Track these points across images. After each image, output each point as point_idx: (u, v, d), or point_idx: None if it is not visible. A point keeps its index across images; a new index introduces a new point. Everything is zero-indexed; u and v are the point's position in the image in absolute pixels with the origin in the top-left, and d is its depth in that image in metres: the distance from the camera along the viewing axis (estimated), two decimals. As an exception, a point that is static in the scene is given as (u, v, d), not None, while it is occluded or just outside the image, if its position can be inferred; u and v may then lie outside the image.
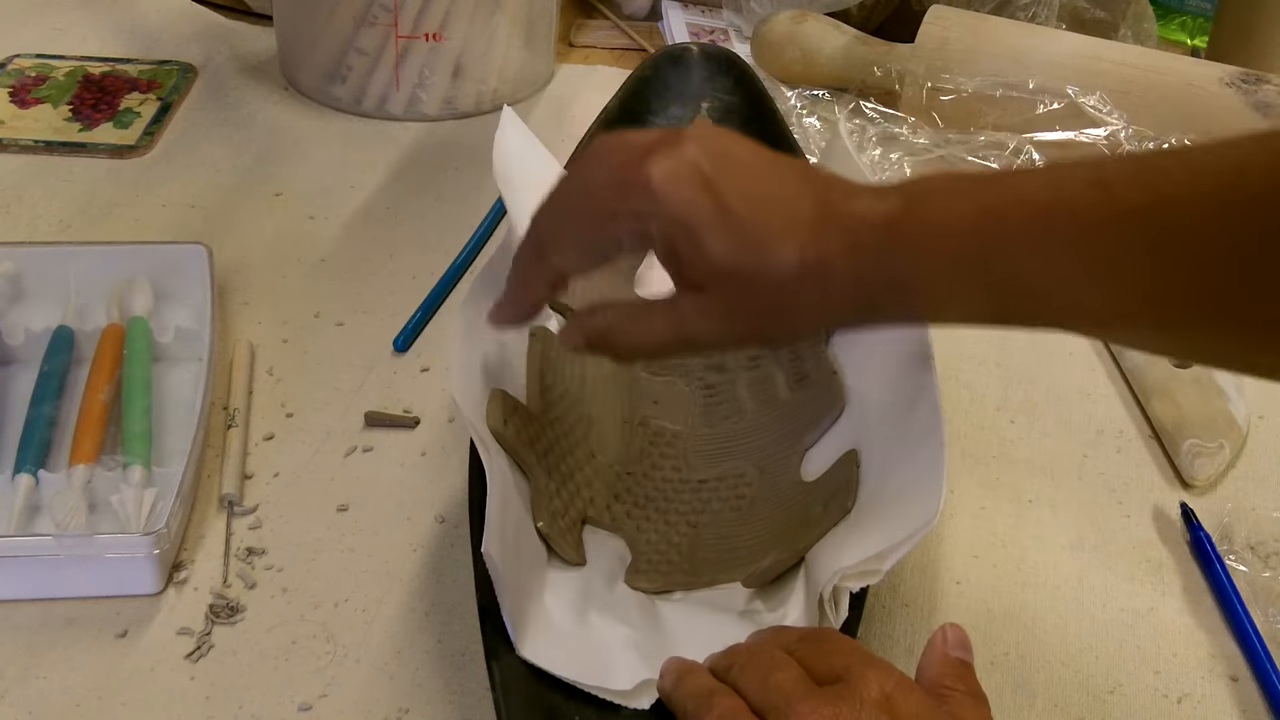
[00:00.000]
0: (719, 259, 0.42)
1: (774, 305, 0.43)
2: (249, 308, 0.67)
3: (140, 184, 0.77)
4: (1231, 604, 0.53)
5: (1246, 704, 0.50)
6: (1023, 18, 0.93)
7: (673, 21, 1.03)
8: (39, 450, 0.54)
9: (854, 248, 0.42)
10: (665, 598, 0.50)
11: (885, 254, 0.41)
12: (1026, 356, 0.69)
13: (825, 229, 0.42)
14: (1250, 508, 0.59)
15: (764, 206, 0.42)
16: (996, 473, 0.60)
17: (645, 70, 0.73)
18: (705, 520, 0.53)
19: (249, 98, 0.88)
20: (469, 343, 0.51)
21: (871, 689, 0.38)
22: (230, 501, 0.54)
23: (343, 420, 0.60)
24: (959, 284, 0.41)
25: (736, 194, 0.42)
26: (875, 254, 0.41)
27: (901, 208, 0.42)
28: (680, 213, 0.42)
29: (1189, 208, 0.38)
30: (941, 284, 0.41)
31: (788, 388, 0.58)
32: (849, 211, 0.42)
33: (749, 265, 0.42)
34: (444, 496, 0.56)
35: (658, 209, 0.42)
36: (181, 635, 0.49)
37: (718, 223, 0.42)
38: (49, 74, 0.89)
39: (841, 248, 0.42)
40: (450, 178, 0.81)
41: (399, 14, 0.82)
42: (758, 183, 0.43)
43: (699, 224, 0.42)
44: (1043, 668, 0.51)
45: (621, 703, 0.43)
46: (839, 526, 0.48)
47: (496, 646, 0.43)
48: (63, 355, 0.59)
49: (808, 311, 0.43)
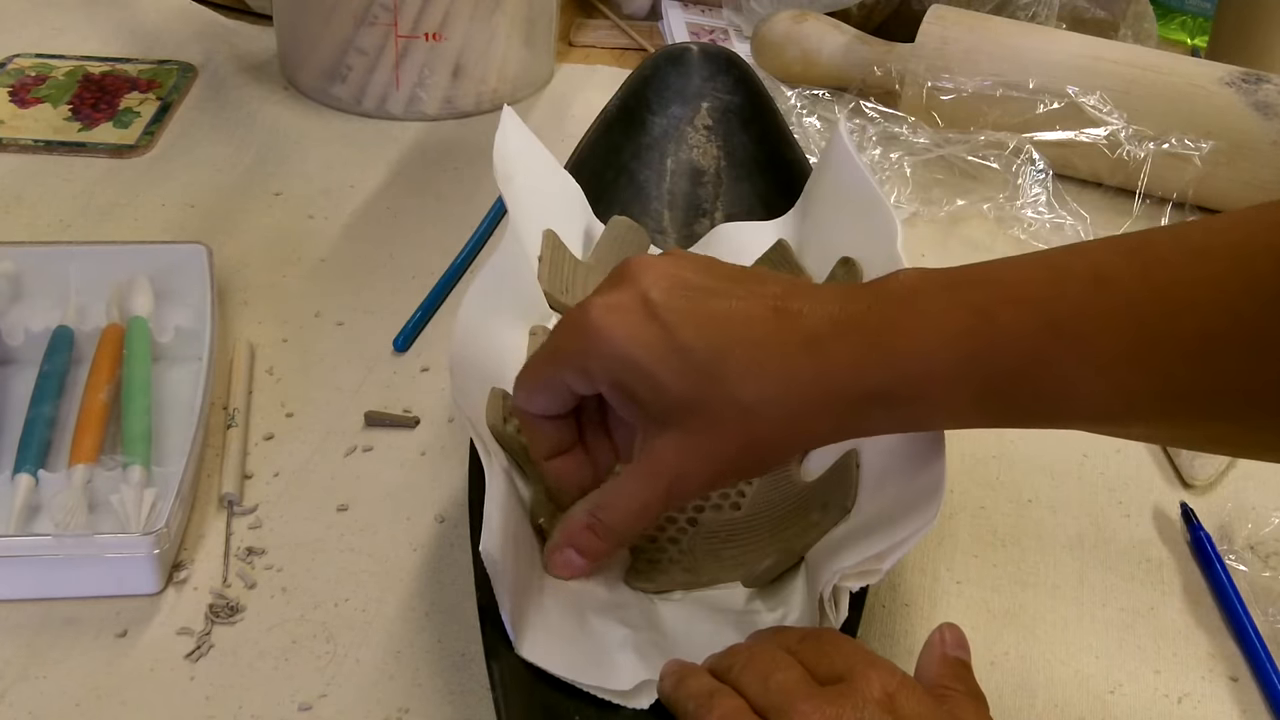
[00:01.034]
0: (677, 393, 0.40)
1: (747, 435, 0.40)
2: (249, 307, 0.67)
3: (140, 183, 0.77)
4: (1231, 604, 0.53)
5: (1246, 704, 0.50)
6: (1023, 17, 0.93)
7: (673, 21, 1.03)
8: (39, 450, 0.54)
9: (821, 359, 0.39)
10: (665, 598, 0.50)
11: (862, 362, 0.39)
12: (1026, 356, 0.68)
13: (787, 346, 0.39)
14: (1250, 508, 0.59)
15: (718, 329, 0.40)
16: (996, 473, 0.60)
17: (645, 70, 0.73)
18: (705, 520, 0.53)
19: (249, 97, 0.88)
20: (468, 342, 0.50)
21: (874, 689, 0.38)
22: (230, 501, 0.54)
23: (343, 420, 0.60)
24: (948, 388, 0.39)
25: (687, 320, 0.40)
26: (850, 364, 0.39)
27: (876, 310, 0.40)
28: (624, 350, 0.40)
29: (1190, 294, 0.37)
30: (931, 389, 0.39)
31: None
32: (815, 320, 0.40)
33: (708, 396, 0.40)
34: (444, 496, 0.56)
35: (597, 347, 0.40)
36: (181, 635, 0.49)
37: (668, 354, 0.39)
38: (49, 73, 0.89)
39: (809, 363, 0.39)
40: (450, 178, 0.81)
41: (399, 13, 0.82)
42: (711, 302, 0.40)
43: (647, 359, 0.40)
44: (1043, 668, 0.51)
45: (621, 703, 0.43)
46: (839, 526, 0.48)
47: (496, 646, 0.43)
48: (62, 355, 0.59)
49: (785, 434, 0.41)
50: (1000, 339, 0.38)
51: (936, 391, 0.39)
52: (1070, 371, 0.38)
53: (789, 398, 0.40)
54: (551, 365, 0.43)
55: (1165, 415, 0.39)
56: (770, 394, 0.39)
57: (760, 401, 0.39)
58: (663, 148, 0.71)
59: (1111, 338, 0.38)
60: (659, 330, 0.40)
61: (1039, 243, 0.77)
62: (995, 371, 0.39)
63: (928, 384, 0.39)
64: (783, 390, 0.39)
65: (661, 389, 0.40)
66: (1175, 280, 0.37)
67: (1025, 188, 0.79)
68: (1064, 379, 0.38)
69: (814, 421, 0.41)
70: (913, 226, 0.78)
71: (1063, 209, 0.78)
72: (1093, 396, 0.39)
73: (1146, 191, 0.79)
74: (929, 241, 0.78)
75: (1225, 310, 0.36)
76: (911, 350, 0.39)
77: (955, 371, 0.39)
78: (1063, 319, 0.38)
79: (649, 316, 0.40)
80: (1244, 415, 0.38)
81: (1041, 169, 0.80)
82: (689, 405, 0.40)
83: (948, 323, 0.39)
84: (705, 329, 0.40)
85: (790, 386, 0.39)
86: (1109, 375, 0.38)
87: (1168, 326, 0.37)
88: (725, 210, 0.70)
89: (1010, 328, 0.38)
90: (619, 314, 0.40)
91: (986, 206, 0.79)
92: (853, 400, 0.40)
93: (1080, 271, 0.38)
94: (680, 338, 0.39)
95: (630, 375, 0.40)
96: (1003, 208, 0.79)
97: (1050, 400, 0.39)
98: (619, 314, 0.40)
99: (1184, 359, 0.37)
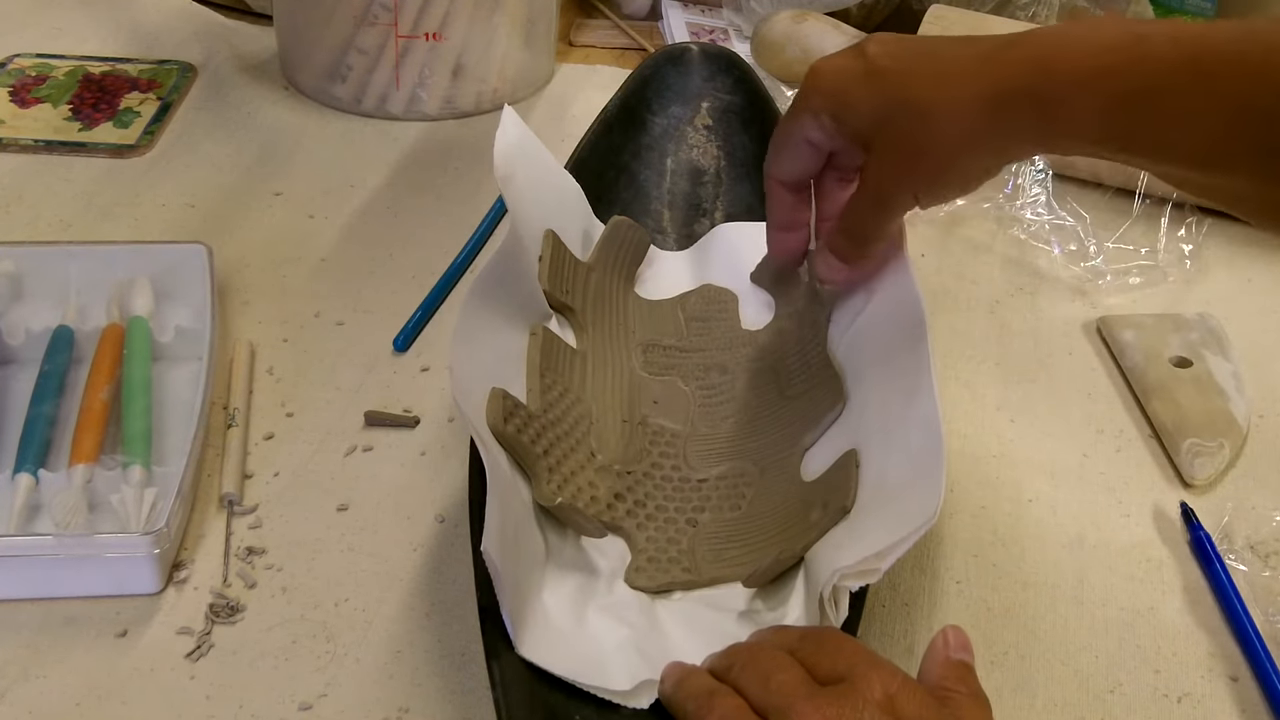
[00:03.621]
0: (870, 108, 0.48)
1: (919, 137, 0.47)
2: (249, 307, 0.67)
3: (140, 183, 0.77)
4: (1231, 604, 0.53)
5: (1246, 704, 0.50)
6: (1023, 17, 0.92)
7: (673, 21, 1.03)
8: (39, 450, 0.54)
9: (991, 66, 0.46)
10: (665, 597, 0.50)
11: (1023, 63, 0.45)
12: (1026, 356, 0.69)
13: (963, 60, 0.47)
14: (1250, 507, 0.59)
15: (911, 56, 0.48)
16: (996, 473, 0.60)
17: (645, 70, 0.73)
18: (705, 519, 0.53)
19: (249, 97, 0.88)
20: (469, 342, 0.50)
21: (875, 690, 0.38)
22: (230, 501, 0.54)
23: (343, 420, 0.60)
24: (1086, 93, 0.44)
25: (887, 54, 0.48)
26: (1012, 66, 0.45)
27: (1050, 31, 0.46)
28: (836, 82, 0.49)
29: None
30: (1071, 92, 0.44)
31: (788, 387, 0.58)
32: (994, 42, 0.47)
33: (895, 108, 0.47)
34: (444, 496, 0.56)
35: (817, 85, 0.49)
36: (181, 635, 0.49)
37: (868, 79, 0.48)
38: (49, 73, 0.89)
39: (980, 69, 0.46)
40: (450, 178, 0.81)
41: (399, 13, 0.82)
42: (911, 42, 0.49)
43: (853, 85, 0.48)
44: (1043, 667, 0.51)
45: (621, 702, 0.43)
46: (839, 526, 0.48)
47: (497, 645, 0.43)
48: (63, 355, 0.59)
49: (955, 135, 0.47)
50: (1146, 59, 0.43)
51: (1075, 96, 0.44)
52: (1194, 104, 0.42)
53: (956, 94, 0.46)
54: (789, 118, 0.52)
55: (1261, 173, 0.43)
56: (940, 93, 0.46)
57: (932, 101, 0.46)
58: (663, 148, 0.71)
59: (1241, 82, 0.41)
60: (864, 63, 0.48)
61: (1039, 243, 0.77)
62: (1130, 87, 0.43)
63: (1070, 89, 0.44)
64: (950, 89, 0.46)
65: (861, 104, 0.48)
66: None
67: (1025, 188, 0.80)
68: (1185, 109, 0.43)
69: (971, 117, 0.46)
70: (912, 226, 0.78)
71: (1063, 209, 0.78)
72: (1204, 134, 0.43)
73: (1146, 191, 0.79)
74: (929, 241, 0.78)
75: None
76: (1064, 56, 0.44)
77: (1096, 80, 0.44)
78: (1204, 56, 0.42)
79: (859, 57, 0.49)
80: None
81: (1041, 169, 0.80)
82: (882, 119, 0.48)
83: (1105, 36, 0.44)
84: (900, 58, 0.48)
85: (957, 86, 0.46)
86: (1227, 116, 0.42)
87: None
88: (725, 210, 0.70)
89: (1156, 52, 0.43)
90: (836, 60, 0.50)
91: (986, 206, 0.79)
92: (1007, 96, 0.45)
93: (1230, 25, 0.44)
94: (878, 65, 0.48)
95: (840, 103, 0.49)
96: (1003, 208, 0.79)
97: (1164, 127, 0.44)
98: (836, 60, 0.50)
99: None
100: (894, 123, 0.48)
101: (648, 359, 0.61)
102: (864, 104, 0.48)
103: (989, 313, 0.72)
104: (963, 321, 0.71)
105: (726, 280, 0.65)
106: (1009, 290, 0.74)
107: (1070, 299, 0.74)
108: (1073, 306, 0.73)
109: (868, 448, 0.51)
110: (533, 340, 0.55)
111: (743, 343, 0.61)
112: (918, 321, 0.51)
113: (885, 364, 0.52)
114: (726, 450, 0.56)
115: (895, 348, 0.52)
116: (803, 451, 0.54)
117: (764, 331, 0.62)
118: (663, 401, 0.59)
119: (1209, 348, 0.68)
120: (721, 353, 0.61)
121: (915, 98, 0.47)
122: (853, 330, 0.56)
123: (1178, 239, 0.77)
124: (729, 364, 0.61)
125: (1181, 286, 0.75)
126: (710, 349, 0.62)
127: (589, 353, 0.59)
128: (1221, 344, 0.68)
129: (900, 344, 0.52)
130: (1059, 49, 0.45)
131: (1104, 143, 0.46)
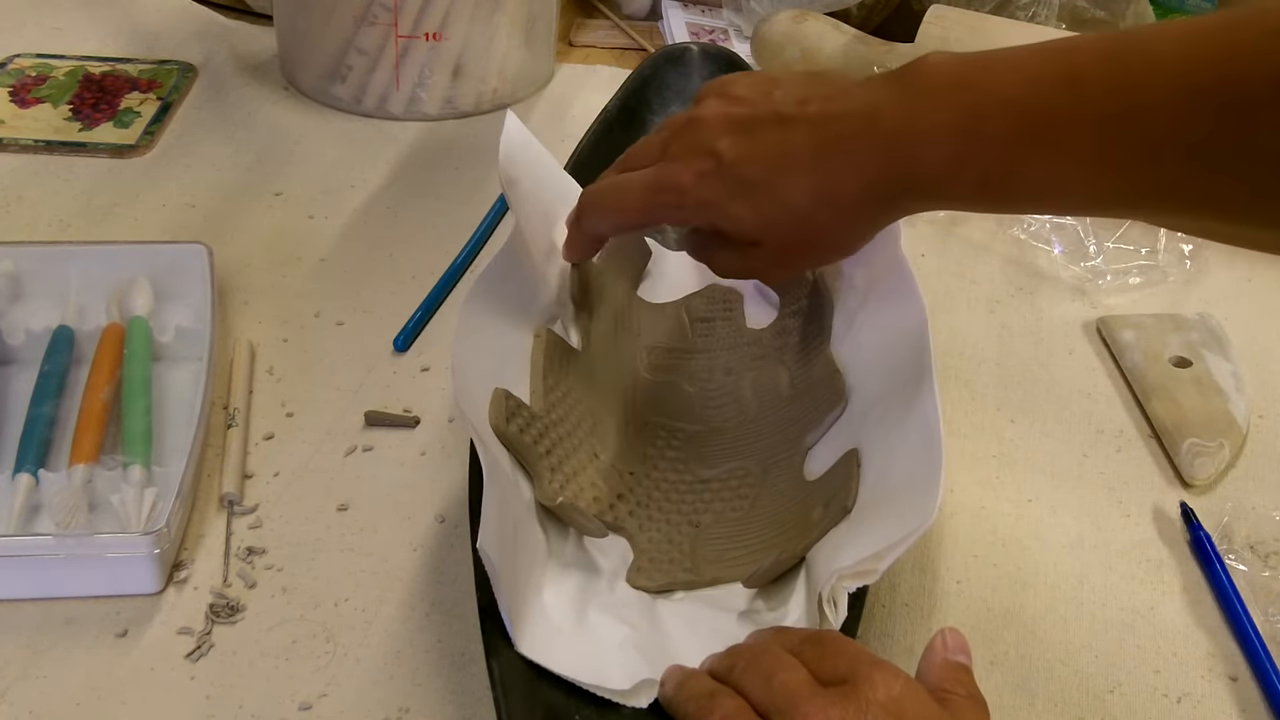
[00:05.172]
0: (750, 220, 0.49)
1: (810, 233, 0.49)
2: (249, 307, 0.67)
3: (140, 183, 0.77)
4: (1231, 604, 0.53)
5: (1246, 704, 0.50)
6: (1023, 18, 0.92)
7: (673, 21, 1.03)
8: (39, 450, 0.54)
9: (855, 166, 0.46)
10: (666, 597, 0.50)
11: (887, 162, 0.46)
12: (1026, 356, 0.69)
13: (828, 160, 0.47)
14: (1250, 507, 0.59)
15: (773, 161, 0.48)
16: (996, 473, 0.60)
17: (645, 70, 0.73)
18: (707, 520, 0.53)
19: (249, 97, 0.88)
20: (470, 342, 0.51)
21: (878, 691, 0.38)
22: (230, 501, 0.54)
23: (343, 420, 0.60)
24: (956, 180, 0.45)
25: (748, 162, 0.48)
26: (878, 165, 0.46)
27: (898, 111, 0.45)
28: (707, 199, 0.49)
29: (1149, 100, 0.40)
30: (943, 182, 0.45)
31: (790, 387, 0.58)
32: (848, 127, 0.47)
33: (774, 213, 0.48)
34: (444, 496, 0.56)
35: (686, 200, 0.50)
36: (181, 635, 0.49)
37: (737, 194, 0.49)
38: (49, 73, 0.89)
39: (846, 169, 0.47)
40: (450, 178, 0.81)
41: (399, 13, 0.82)
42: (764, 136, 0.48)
43: (722, 203, 0.49)
44: (1043, 668, 0.51)
45: (621, 701, 0.43)
46: (839, 526, 0.48)
47: (496, 645, 0.43)
48: (63, 355, 0.59)
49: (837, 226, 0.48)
50: (987, 140, 0.43)
51: (947, 183, 0.45)
52: (1049, 171, 0.43)
53: (836, 196, 0.47)
54: (653, 216, 0.53)
55: (1143, 209, 0.44)
56: (821, 196, 0.47)
57: (812, 204, 0.47)
58: (663, 148, 0.71)
59: (1078, 141, 0.42)
60: (731, 177, 0.49)
61: (1039, 243, 0.77)
62: (988, 168, 0.44)
63: (940, 177, 0.45)
64: (829, 192, 0.47)
65: (742, 221, 0.49)
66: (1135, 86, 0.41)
67: (1025, 188, 0.79)
68: (1045, 177, 0.43)
69: (858, 212, 0.48)
70: (913, 226, 0.78)
71: (1063, 209, 0.78)
72: (1075, 191, 0.43)
73: (1146, 191, 0.79)
74: (929, 241, 0.78)
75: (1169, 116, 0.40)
76: (923, 151, 0.45)
77: (958, 167, 0.44)
78: (1036, 122, 0.42)
79: (719, 168, 0.49)
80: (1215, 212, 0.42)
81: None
82: (764, 225, 0.49)
83: (950, 121, 0.44)
84: (761, 164, 0.48)
85: (834, 189, 0.47)
86: (1083, 173, 0.42)
87: (1123, 130, 0.41)
88: (725, 210, 0.70)
89: (993, 130, 0.43)
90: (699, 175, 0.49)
91: (986, 206, 0.79)
92: (885, 192, 0.46)
93: (1055, 73, 0.42)
94: (742, 173, 0.49)
95: (719, 217, 0.50)
96: (1003, 208, 0.79)
97: (1039, 193, 0.44)
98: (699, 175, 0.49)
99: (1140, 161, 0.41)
100: (780, 228, 0.49)
101: (652, 360, 0.61)
102: (746, 219, 0.49)
103: (989, 313, 0.72)
104: (963, 321, 0.71)
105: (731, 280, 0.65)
106: (1009, 290, 0.74)
107: (1070, 299, 0.74)
108: (1073, 306, 0.73)
109: (869, 447, 0.51)
110: (536, 342, 0.55)
111: (747, 342, 0.62)
112: (919, 322, 0.51)
113: (887, 364, 0.52)
114: (729, 450, 0.56)
115: (897, 347, 0.52)
116: (805, 451, 0.54)
117: (768, 330, 0.62)
118: (666, 402, 0.59)
119: (1209, 348, 0.68)
120: (725, 353, 0.61)
121: (794, 205, 0.48)
122: (855, 329, 0.56)
123: (1178, 239, 0.77)
124: (733, 364, 0.61)
125: (1181, 286, 0.75)
126: (714, 350, 0.62)
127: (593, 355, 0.59)
128: (1221, 344, 0.69)
129: (901, 344, 0.52)
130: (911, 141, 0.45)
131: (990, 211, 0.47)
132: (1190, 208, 0.42)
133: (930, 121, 0.45)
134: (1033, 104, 0.43)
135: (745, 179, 0.48)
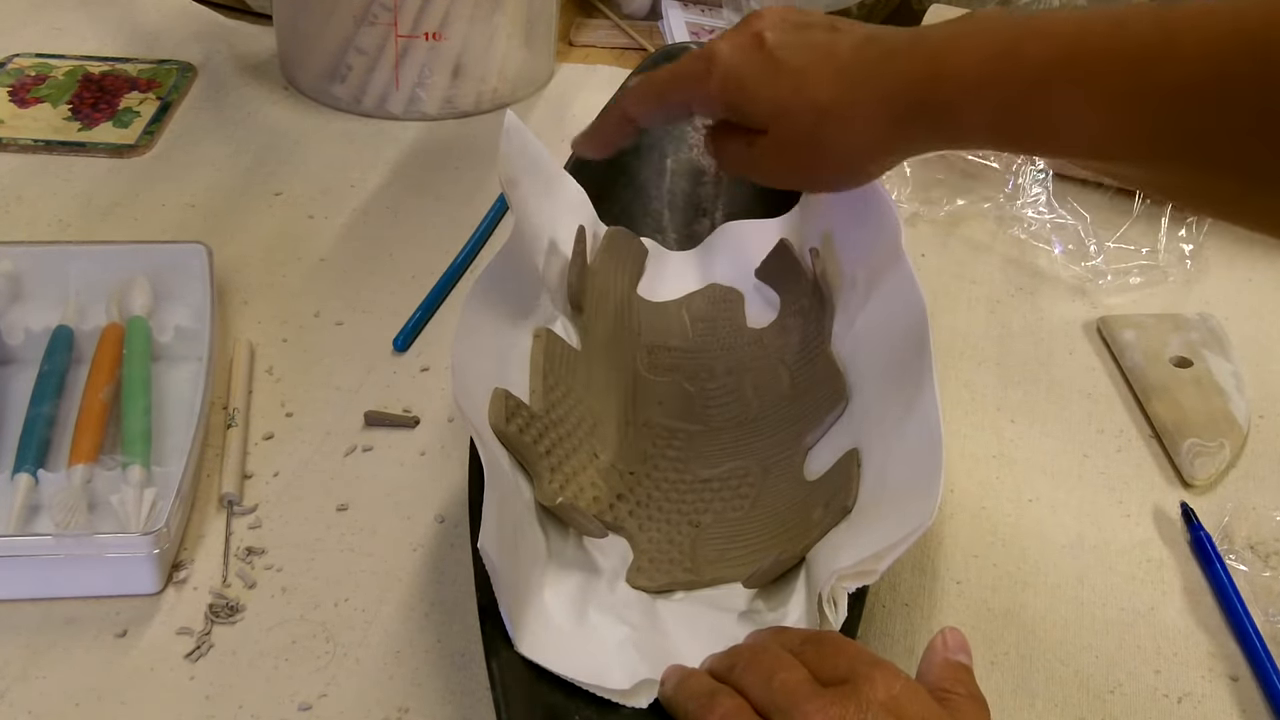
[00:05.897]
0: (769, 99, 0.49)
1: (816, 134, 0.49)
2: (249, 307, 0.67)
3: (140, 183, 0.77)
4: (1231, 604, 0.53)
5: (1246, 704, 0.50)
6: (1023, 17, 0.92)
7: (673, 21, 1.03)
8: (39, 450, 0.54)
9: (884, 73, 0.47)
10: (666, 597, 0.50)
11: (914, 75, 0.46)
12: (1026, 356, 0.69)
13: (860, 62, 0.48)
14: (1250, 507, 0.59)
15: (809, 52, 0.49)
16: (996, 473, 0.60)
17: (645, 70, 0.73)
18: (708, 520, 0.53)
19: (249, 97, 0.88)
20: (470, 342, 0.51)
21: (878, 691, 0.38)
22: (230, 501, 0.54)
23: (342, 420, 0.60)
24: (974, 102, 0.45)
25: (786, 47, 0.49)
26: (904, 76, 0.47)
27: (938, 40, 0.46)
28: (737, 71, 0.50)
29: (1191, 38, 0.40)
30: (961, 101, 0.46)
31: (791, 387, 0.58)
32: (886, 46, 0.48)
33: (794, 101, 0.48)
34: (444, 496, 0.56)
35: (718, 70, 0.50)
36: (181, 635, 0.49)
37: (767, 71, 0.49)
38: (49, 73, 0.88)
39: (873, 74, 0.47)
40: (450, 178, 0.81)
41: (399, 13, 0.82)
42: (808, 34, 0.50)
43: (752, 76, 0.49)
44: (1043, 668, 0.51)
45: (621, 701, 0.43)
46: (839, 526, 0.48)
47: (496, 645, 0.43)
48: (62, 355, 0.59)
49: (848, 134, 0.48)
50: (1019, 62, 0.44)
51: (964, 105, 0.46)
52: (1070, 102, 0.43)
53: (856, 98, 0.48)
54: (678, 87, 0.52)
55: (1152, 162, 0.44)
56: (841, 95, 0.48)
57: (832, 101, 0.48)
58: (663, 148, 0.71)
59: (1110, 73, 0.42)
60: (763, 55, 0.49)
61: (1040, 243, 0.77)
62: (1009, 94, 0.44)
63: (959, 97, 0.46)
64: (850, 92, 0.48)
65: (760, 99, 0.49)
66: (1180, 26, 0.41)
67: (1025, 187, 0.79)
68: (1064, 109, 0.43)
69: (872, 124, 0.48)
70: (913, 226, 0.78)
71: (1063, 209, 0.78)
72: (1091, 128, 0.43)
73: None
74: (929, 241, 0.78)
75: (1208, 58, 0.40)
76: (950, 69, 0.46)
77: (982, 86, 0.45)
78: (1075, 51, 0.43)
79: (758, 47, 0.50)
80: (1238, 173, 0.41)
81: (1041, 168, 0.80)
82: (781, 112, 0.49)
83: (985, 47, 0.45)
84: (799, 51, 0.49)
85: (857, 90, 0.48)
86: (1104, 111, 0.43)
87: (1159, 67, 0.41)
88: (725, 210, 0.70)
89: (1030, 53, 0.44)
90: (732, 43, 0.50)
91: (987, 206, 0.79)
92: (903, 105, 0.47)
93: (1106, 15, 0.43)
94: (777, 57, 0.49)
95: (738, 92, 0.50)
96: (1003, 208, 0.79)
97: (1051, 129, 0.44)
98: (732, 43, 0.50)
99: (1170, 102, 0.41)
100: (793, 118, 0.49)
101: (652, 360, 0.61)
102: (764, 98, 0.49)
103: (989, 313, 0.72)
104: (963, 321, 0.71)
105: (732, 279, 0.65)
106: (1009, 290, 0.74)
107: (1070, 299, 0.74)
108: (1073, 306, 0.73)
109: (869, 447, 0.51)
110: (536, 342, 0.55)
111: (747, 341, 0.62)
112: (920, 321, 0.51)
113: (887, 363, 0.52)
114: (729, 450, 0.56)
115: (897, 347, 0.52)
116: (805, 451, 0.54)
117: (768, 329, 0.62)
118: (666, 402, 0.59)
119: (1209, 348, 0.68)
120: (726, 352, 0.61)
121: (815, 98, 0.48)
122: (855, 329, 0.56)
123: (1178, 239, 0.77)
124: (733, 364, 0.61)
125: (1182, 286, 0.75)
126: (715, 349, 0.62)
127: (593, 354, 0.59)
128: (1222, 344, 0.68)
129: (902, 344, 0.52)
130: (949, 56, 0.46)
131: (996, 142, 0.47)
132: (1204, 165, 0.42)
133: (973, 42, 0.46)
134: (1075, 36, 0.43)
135: (778, 62, 0.49)
